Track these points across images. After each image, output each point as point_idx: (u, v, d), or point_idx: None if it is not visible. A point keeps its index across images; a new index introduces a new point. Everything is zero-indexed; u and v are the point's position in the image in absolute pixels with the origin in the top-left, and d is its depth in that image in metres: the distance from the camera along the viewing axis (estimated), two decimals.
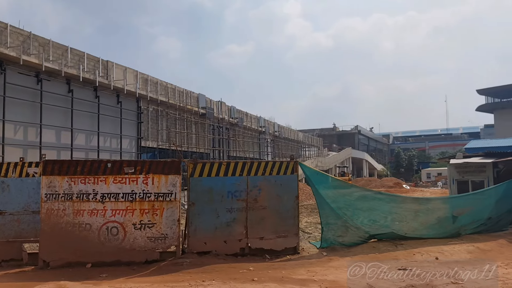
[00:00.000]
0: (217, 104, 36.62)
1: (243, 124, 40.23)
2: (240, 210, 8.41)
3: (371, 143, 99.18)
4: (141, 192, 7.93)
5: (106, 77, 24.18)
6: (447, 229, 10.09)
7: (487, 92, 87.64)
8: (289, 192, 8.78)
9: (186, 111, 31.47)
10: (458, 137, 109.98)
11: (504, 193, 10.41)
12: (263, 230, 8.56)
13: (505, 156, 11.52)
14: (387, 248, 9.18)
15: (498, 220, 10.52)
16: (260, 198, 8.56)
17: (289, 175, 8.79)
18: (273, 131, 49.59)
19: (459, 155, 12.52)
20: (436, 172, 62.47)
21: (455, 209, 10.03)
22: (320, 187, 9.13)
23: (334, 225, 9.26)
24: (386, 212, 10.18)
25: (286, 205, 8.74)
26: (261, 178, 8.58)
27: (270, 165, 8.68)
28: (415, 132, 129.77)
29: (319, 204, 9.24)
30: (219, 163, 8.35)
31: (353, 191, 9.96)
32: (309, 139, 65.05)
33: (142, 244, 7.87)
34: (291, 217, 8.78)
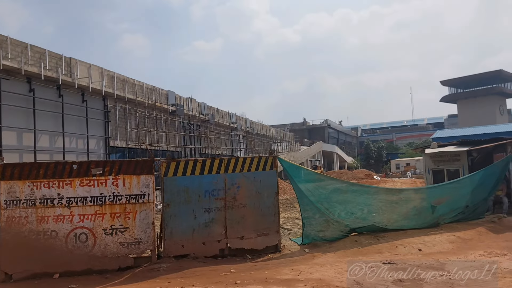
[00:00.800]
0: (187, 101, 35.88)
1: (214, 120, 39.64)
2: (218, 210, 8.01)
3: (340, 136, 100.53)
4: (111, 195, 7.38)
5: (70, 75, 23.05)
6: (427, 219, 10.05)
7: (451, 83, 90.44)
8: (269, 188, 8.45)
9: (155, 108, 30.58)
10: (424, 127, 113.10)
11: (479, 181, 10.47)
12: (243, 229, 8.19)
13: (479, 144, 11.61)
14: (369, 242, 9.02)
15: (475, 208, 10.58)
16: (239, 196, 8.18)
17: (268, 171, 8.45)
18: (245, 127, 49.23)
19: (433, 145, 12.54)
20: (404, 163, 63.97)
21: (434, 199, 9.99)
22: (299, 181, 8.84)
23: (315, 220, 9.01)
24: (362, 204, 10.02)
25: (266, 202, 8.41)
26: (239, 175, 8.20)
27: (249, 161, 8.31)
28: (382, 124, 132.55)
29: (299, 198, 8.96)
30: (195, 161, 7.90)
31: (330, 183, 9.71)
32: (281, 134, 65.10)
33: (115, 250, 7.34)
34: (272, 214, 8.46)
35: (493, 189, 10.72)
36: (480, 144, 11.55)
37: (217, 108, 41.72)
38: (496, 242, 8.78)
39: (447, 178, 12.11)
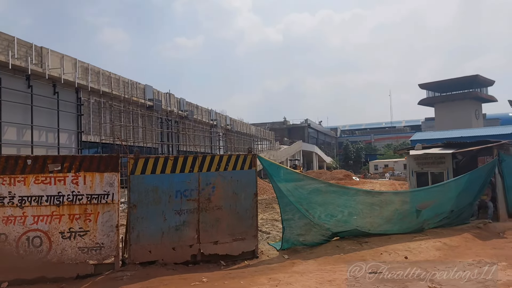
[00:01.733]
0: (165, 96, 34.88)
1: (193, 117, 38.74)
2: (191, 212, 7.31)
3: (320, 136, 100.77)
4: (70, 194, 6.59)
5: (41, 65, 21.88)
6: (411, 224, 9.60)
7: (428, 87, 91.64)
8: (247, 189, 7.81)
9: (131, 103, 29.55)
10: (401, 129, 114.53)
11: (465, 185, 10.10)
12: (218, 233, 7.53)
13: (464, 146, 11.27)
14: (351, 248, 8.48)
15: (460, 213, 10.21)
16: (214, 197, 7.51)
17: (246, 170, 7.80)
18: (225, 125, 48.46)
19: (418, 146, 12.16)
20: (383, 164, 64.43)
21: (419, 203, 9.55)
22: (279, 181, 8.23)
23: (295, 222, 8.43)
24: (342, 206, 9.50)
25: (243, 204, 7.76)
26: (215, 174, 7.53)
27: (225, 159, 7.65)
28: (361, 125, 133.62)
29: (279, 199, 8.35)
30: (165, 158, 7.18)
31: (310, 183, 9.11)
32: (261, 132, 64.58)
33: (73, 256, 6.56)
34: (250, 217, 7.82)
35: (479, 193, 10.37)
36: (465, 146, 11.20)
37: (196, 105, 40.83)
38: (484, 249, 8.38)
39: (431, 181, 11.73)
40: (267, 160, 8.24)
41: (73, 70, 24.16)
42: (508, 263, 7.27)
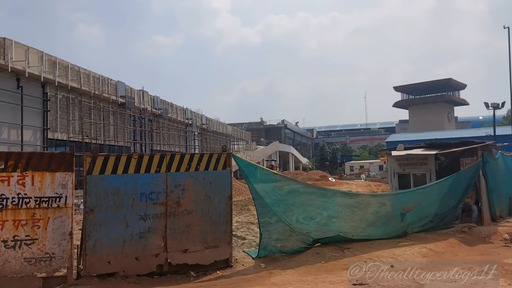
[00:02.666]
0: (138, 93, 33.67)
1: (168, 115, 37.61)
2: (157, 217, 6.53)
3: (296, 137, 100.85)
4: (16, 197, 5.71)
5: (3, 56, 20.49)
6: (395, 228, 9.10)
7: (403, 89, 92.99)
8: (221, 191, 7.09)
9: (102, 99, 28.30)
10: (376, 131, 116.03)
11: (450, 187, 9.68)
12: (188, 241, 6.77)
13: (448, 147, 10.87)
14: (333, 254, 7.89)
15: (444, 217, 9.78)
16: (184, 201, 6.75)
17: (220, 171, 7.08)
18: (201, 124, 47.46)
19: (400, 147, 11.72)
20: (358, 165, 64.76)
21: (403, 205, 9.06)
22: (256, 182, 7.55)
23: (273, 226, 7.77)
24: (320, 208, 8.92)
25: (217, 208, 7.03)
26: (185, 175, 6.77)
27: (197, 159, 6.90)
28: (337, 126, 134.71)
29: (256, 201, 7.65)
30: (128, 156, 6.37)
31: (288, 184, 8.46)
32: (238, 132, 63.85)
33: (17, 268, 5.68)
34: (223, 223, 7.10)
35: (463, 196, 9.98)
36: (449, 147, 10.81)
37: (171, 103, 39.71)
38: (470, 255, 7.95)
39: (413, 182, 11.29)
40: (244, 160, 7.54)
41: (39, 63, 22.80)
42: (498, 271, 6.81)
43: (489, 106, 27.50)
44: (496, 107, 27.57)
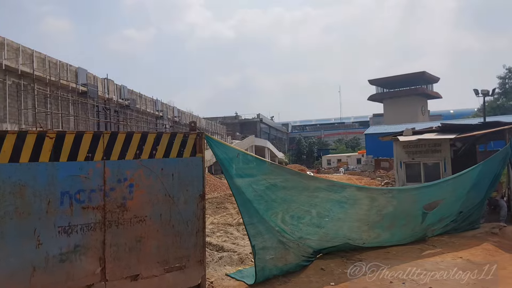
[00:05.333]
0: (102, 82, 30.78)
1: (136, 106, 34.85)
2: (90, 229, 4.27)
3: (272, 131, 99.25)
4: None
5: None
6: (414, 231, 7.18)
7: (378, 83, 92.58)
8: (189, 188, 4.89)
9: (60, 87, 25.35)
10: (350, 125, 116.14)
11: (476, 179, 7.82)
12: (140, 262, 4.56)
13: (466, 130, 9.01)
14: (343, 271, 5.85)
15: (469, 215, 7.94)
16: (133, 203, 4.52)
17: (188, 158, 4.88)
18: (172, 116, 44.80)
19: (407, 131, 9.81)
20: (336, 159, 63.53)
21: (425, 202, 7.12)
22: (240, 176, 5.36)
23: (268, 240, 5.62)
24: (306, 204, 6.88)
25: (183, 211, 4.84)
26: (134, 165, 4.54)
27: (152, 140, 4.67)
28: (311, 121, 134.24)
29: (243, 207, 5.43)
30: (40, 135, 4.08)
31: (289, 178, 6.33)
32: (212, 126, 61.38)
33: None
34: (192, 233, 4.92)
35: (490, 189, 8.16)
36: (468, 130, 8.93)
37: (139, 93, 36.88)
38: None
39: (423, 174, 9.42)
40: (222, 143, 5.31)
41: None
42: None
43: (479, 93, 26.31)
44: (486, 94, 26.41)
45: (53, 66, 25.39)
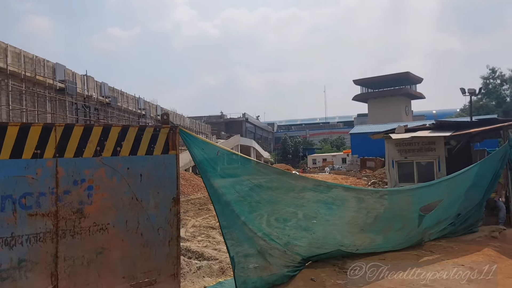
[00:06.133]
0: (82, 79, 29.71)
1: (117, 104, 33.84)
2: (39, 239, 3.58)
3: (257, 131, 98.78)
4: None
5: None
6: (410, 235, 6.64)
7: (362, 83, 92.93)
8: (161, 190, 4.22)
9: (36, 83, 24.27)
10: (335, 125, 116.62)
11: (475, 179, 7.33)
12: (101, 278, 3.87)
13: (462, 128, 8.53)
14: (336, 282, 5.26)
15: (467, 218, 7.44)
16: (93, 208, 3.84)
17: (159, 156, 4.21)
18: (156, 115, 43.79)
19: (400, 128, 9.31)
20: (321, 158, 63.25)
21: (422, 204, 6.59)
22: (222, 176, 4.71)
23: (252, 252, 4.99)
24: (292, 205, 6.29)
25: (153, 217, 4.17)
26: (93, 163, 3.85)
27: (116, 135, 3.99)
28: (297, 121, 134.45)
29: (220, 210, 4.79)
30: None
31: (279, 179, 5.73)
32: (197, 125, 60.46)
33: None
34: (165, 242, 4.25)
35: (490, 189, 7.67)
36: (463, 128, 8.46)
37: (121, 91, 35.86)
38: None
39: (417, 173, 8.93)
40: (198, 138, 4.64)
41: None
42: None
43: (466, 92, 26.15)
44: (472, 93, 26.27)
45: (29, 62, 24.31)
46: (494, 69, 57.97)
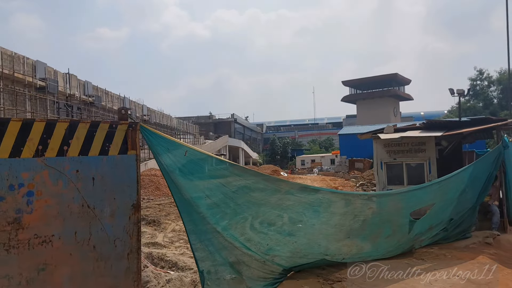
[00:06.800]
0: (64, 77, 28.87)
1: (101, 103, 33.02)
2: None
3: (246, 132, 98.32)
4: None
5: None
6: (400, 242, 6.18)
7: (351, 84, 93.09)
8: (117, 196, 3.67)
9: (15, 81, 23.43)
10: (324, 126, 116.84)
11: (468, 181, 6.91)
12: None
13: (453, 127, 8.11)
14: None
15: (460, 223, 7.01)
16: (33, 217, 3.28)
17: (116, 157, 3.66)
18: (141, 115, 43.00)
19: (389, 128, 8.86)
20: (310, 159, 62.95)
21: (412, 209, 6.13)
22: (183, 179, 4.16)
23: (226, 264, 4.46)
24: (277, 208, 5.79)
25: (108, 227, 3.62)
26: (34, 165, 3.29)
27: (62, 132, 3.43)
28: (285, 122, 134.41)
29: (187, 218, 4.24)
30: None
31: (250, 179, 5.21)
32: (184, 126, 59.67)
33: None
34: (123, 255, 3.70)
35: (483, 193, 7.25)
36: (455, 127, 8.04)
37: (105, 89, 35.04)
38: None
39: (406, 175, 8.49)
40: (163, 136, 4.07)
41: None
42: None
43: (454, 93, 26.00)
44: (461, 93, 26.13)
45: (8, 58, 23.47)
46: (482, 71, 58.22)
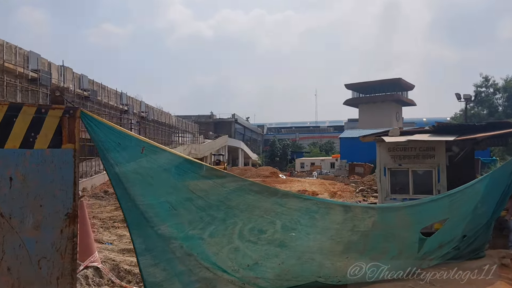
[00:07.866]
0: (58, 69, 28.02)
1: (97, 98, 32.17)
2: None
3: (247, 132, 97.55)
4: None
5: None
6: (406, 262, 5.31)
7: (354, 87, 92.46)
8: (44, 202, 2.82)
9: (5, 71, 22.59)
10: (325, 129, 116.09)
11: (483, 194, 6.04)
12: None
13: (468, 132, 7.24)
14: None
15: (473, 240, 6.14)
16: None
17: (44, 151, 2.82)
18: (139, 111, 42.12)
19: (394, 131, 7.99)
20: (309, 162, 62.11)
21: (422, 224, 5.27)
22: (138, 182, 3.29)
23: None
24: (271, 213, 4.95)
25: (31, 243, 2.77)
26: None
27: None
28: (287, 123, 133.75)
29: (137, 231, 3.37)
30: None
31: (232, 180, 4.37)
32: (184, 124, 58.76)
33: None
34: (51, 280, 2.85)
35: (500, 206, 6.38)
36: (470, 132, 7.17)
37: (102, 84, 34.15)
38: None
39: (412, 183, 7.63)
40: (113, 126, 3.18)
41: None
42: None
43: (461, 98, 25.20)
44: (468, 99, 25.33)
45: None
46: (487, 78, 57.16)
